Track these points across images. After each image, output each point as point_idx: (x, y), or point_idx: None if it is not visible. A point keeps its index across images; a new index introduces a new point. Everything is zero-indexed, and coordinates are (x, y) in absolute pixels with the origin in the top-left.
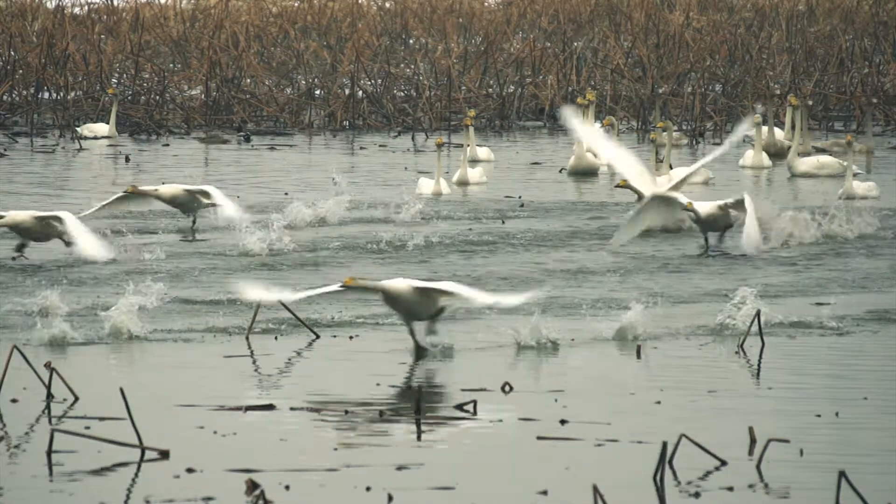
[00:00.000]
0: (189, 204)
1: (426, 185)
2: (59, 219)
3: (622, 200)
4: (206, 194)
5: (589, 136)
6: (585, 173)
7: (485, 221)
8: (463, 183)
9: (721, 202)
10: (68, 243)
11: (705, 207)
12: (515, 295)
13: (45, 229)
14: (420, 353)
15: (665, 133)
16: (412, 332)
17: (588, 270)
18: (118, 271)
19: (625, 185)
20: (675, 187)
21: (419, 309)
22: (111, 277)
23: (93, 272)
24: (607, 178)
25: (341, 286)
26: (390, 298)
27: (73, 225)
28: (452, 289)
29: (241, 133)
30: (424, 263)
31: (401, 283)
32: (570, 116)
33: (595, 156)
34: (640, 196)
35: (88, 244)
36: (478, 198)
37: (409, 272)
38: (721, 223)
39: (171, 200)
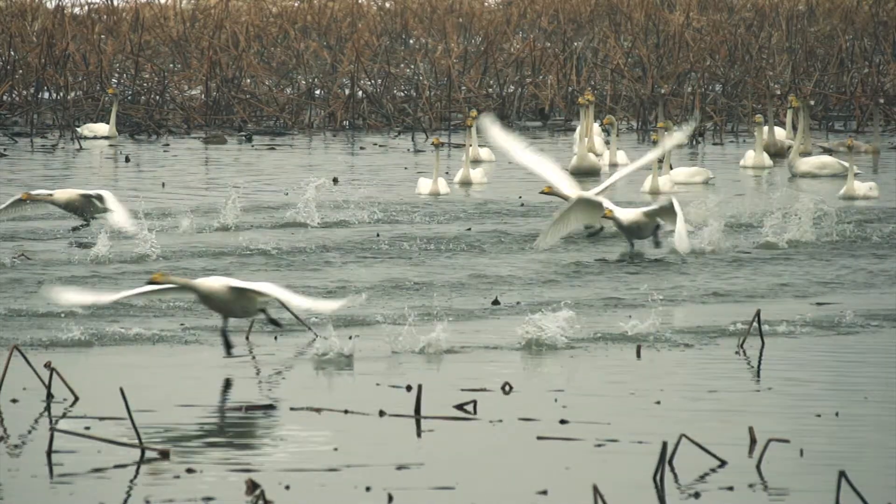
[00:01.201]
0: (84, 208)
1: (424, 186)
2: (100, 197)
3: (622, 200)
4: (101, 199)
5: (506, 142)
6: (588, 173)
7: (448, 222)
8: (465, 183)
9: (646, 209)
10: (97, 212)
11: (628, 215)
12: (332, 301)
13: (87, 205)
14: (228, 349)
15: (665, 133)
16: (224, 330)
17: (587, 270)
18: (118, 271)
19: (549, 192)
20: (602, 192)
21: (234, 308)
22: (111, 277)
23: (92, 272)
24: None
25: (150, 282)
26: (204, 297)
27: (111, 201)
28: (268, 290)
29: (243, 133)
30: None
31: (215, 282)
32: (488, 125)
33: (597, 155)
34: (567, 200)
35: (122, 218)
36: (473, 198)
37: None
38: (646, 230)
39: (67, 205)
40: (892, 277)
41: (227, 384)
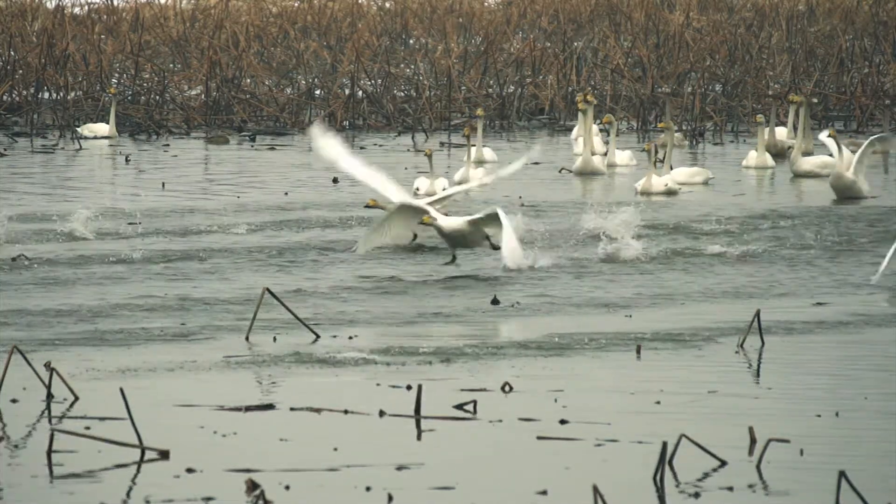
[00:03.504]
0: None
1: (422, 185)
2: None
3: (623, 200)
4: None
5: (333, 151)
6: (592, 174)
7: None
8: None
9: (470, 217)
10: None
11: (450, 223)
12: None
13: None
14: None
15: (666, 133)
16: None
17: (586, 270)
18: (118, 271)
19: (374, 205)
20: (434, 202)
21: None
22: (111, 276)
23: (91, 272)
24: (608, 178)
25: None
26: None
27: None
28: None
29: (246, 133)
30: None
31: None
32: (317, 135)
33: (602, 156)
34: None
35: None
36: (472, 197)
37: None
38: (470, 239)
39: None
40: (891, 277)
41: (227, 384)
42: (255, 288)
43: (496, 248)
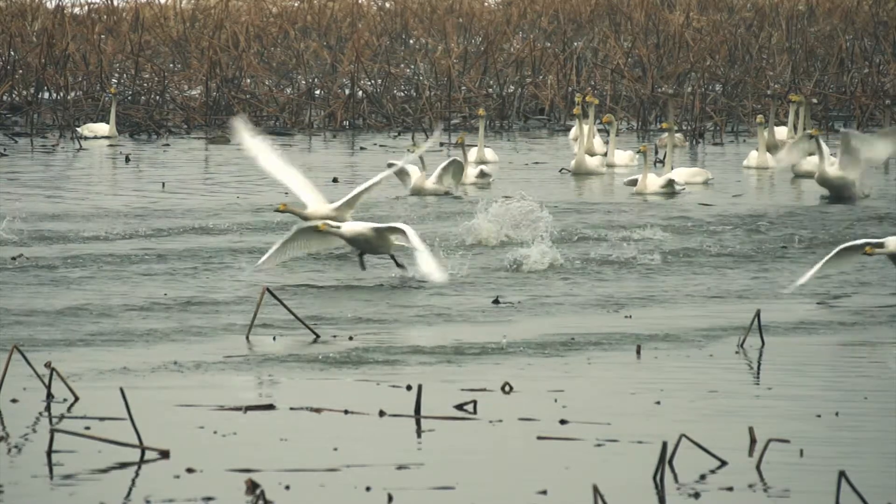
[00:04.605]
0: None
1: (418, 179)
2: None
3: (622, 200)
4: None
5: (254, 147)
6: (588, 174)
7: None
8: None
9: (376, 225)
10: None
11: (353, 228)
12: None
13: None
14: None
15: (667, 134)
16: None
17: (585, 270)
18: (118, 271)
19: (284, 210)
20: (342, 207)
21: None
22: (111, 276)
23: (92, 272)
24: (608, 178)
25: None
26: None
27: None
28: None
29: None
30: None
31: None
32: (240, 129)
33: (602, 156)
34: (304, 219)
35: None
36: (469, 196)
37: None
38: (376, 245)
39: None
40: (890, 277)
41: (228, 384)
42: (255, 288)
43: (400, 266)
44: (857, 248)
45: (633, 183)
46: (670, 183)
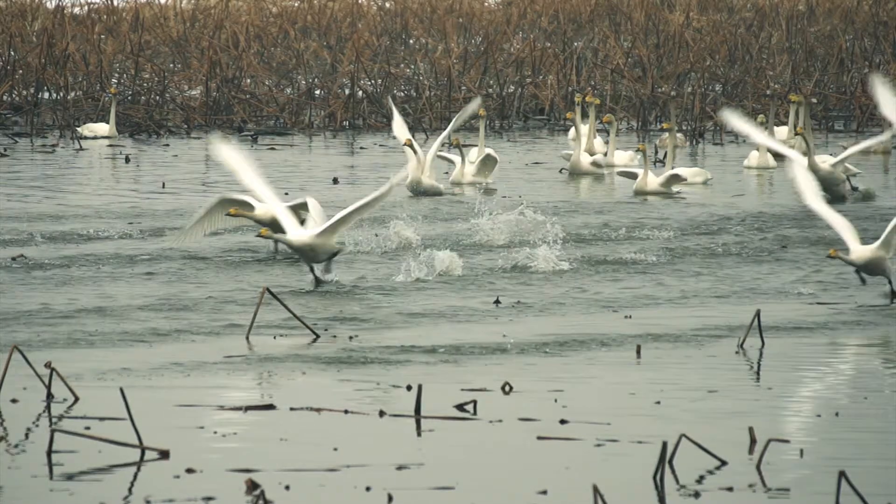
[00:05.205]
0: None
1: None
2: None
3: (622, 200)
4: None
5: (225, 156)
6: (583, 174)
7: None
8: (457, 182)
9: (319, 229)
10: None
11: (299, 236)
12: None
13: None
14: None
15: (668, 134)
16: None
17: (583, 268)
18: (118, 271)
19: (236, 214)
20: (324, 234)
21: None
22: (111, 276)
23: (91, 272)
24: (608, 177)
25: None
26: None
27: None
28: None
29: (249, 133)
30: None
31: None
32: (218, 145)
33: (595, 154)
34: (288, 245)
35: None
36: (469, 196)
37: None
38: (321, 250)
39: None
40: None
41: (228, 384)
42: (255, 288)
43: (320, 280)
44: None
45: (631, 175)
46: (674, 178)
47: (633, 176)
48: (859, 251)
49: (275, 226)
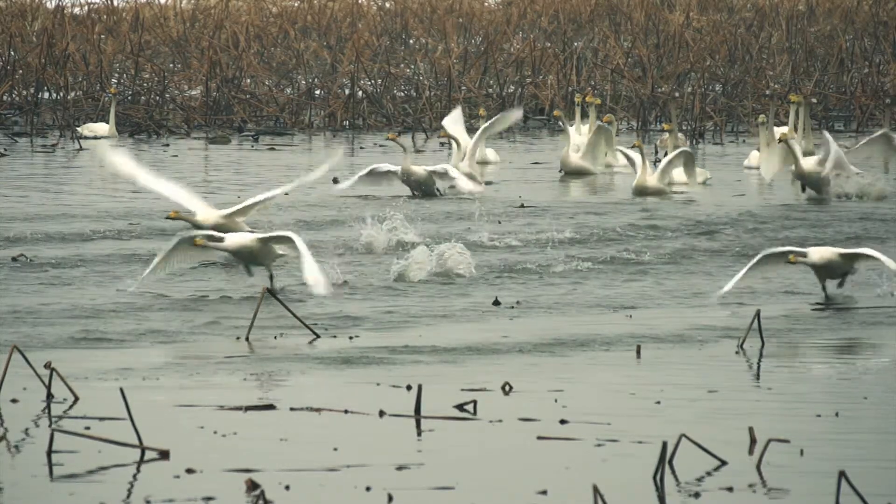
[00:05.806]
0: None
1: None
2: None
3: (622, 200)
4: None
5: (128, 169)
6: (578, 173)
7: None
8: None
9: (261, 235)
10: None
11: (236, 239)
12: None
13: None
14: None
15: (668, 135)
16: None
17: (582, 268)
18: (118, 270)
19: (177, 217)
20: (233, 215)
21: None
22: (111, 276)
23: (91, 272)
24: (607, 178)
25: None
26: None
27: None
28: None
29: (250, 133)
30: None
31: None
32: (106, 153)
33: (587, 155)
34: (195, 225)
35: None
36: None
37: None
38: (260, 255)
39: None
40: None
41: (228, 384)
42: (255, 288)
43: (273, 292)
44: (780, 255)
45: (629, 159)
46: (683, 154)
47: (632, 161)
48: (817, 253)
49: (220, 230)
